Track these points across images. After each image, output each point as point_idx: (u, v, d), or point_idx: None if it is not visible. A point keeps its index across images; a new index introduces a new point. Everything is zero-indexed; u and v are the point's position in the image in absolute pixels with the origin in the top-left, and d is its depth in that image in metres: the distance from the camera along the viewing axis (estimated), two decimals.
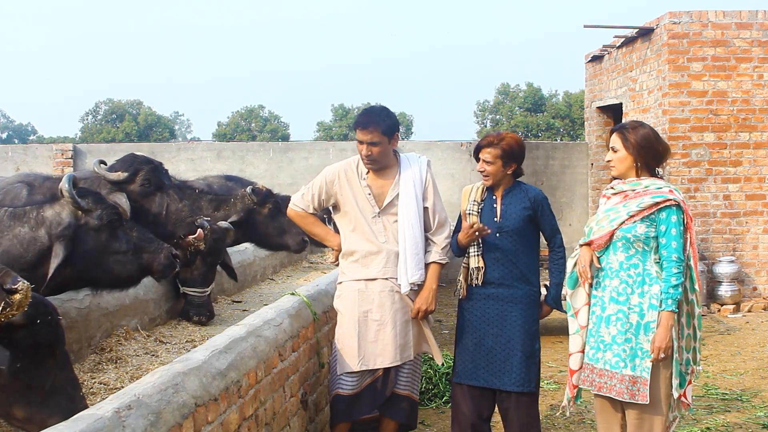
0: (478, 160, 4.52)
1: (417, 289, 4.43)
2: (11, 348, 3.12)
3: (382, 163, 4.44)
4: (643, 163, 4.00)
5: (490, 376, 4.43)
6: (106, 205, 4.45)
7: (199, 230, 5.11)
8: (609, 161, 4.11)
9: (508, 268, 4.44)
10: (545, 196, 4.57)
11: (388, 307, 4.40)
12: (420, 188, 4.47)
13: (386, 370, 4.41)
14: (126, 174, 5.13)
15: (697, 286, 3.99)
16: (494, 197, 4.53)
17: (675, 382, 3.92)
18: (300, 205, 4.59)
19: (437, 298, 4.57)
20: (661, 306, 3.86)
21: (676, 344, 3.90)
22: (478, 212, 4.51)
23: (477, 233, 4.36)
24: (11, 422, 3.30)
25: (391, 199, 4.45)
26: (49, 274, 4.13)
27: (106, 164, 5.23)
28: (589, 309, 4.13)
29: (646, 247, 3.93)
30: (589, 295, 4.13)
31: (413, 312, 4.42)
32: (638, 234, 3.93)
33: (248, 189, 7.03)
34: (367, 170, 4.47)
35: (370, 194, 4.45)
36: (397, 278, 4.40)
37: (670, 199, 3.89)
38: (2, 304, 2.88)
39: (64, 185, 4.29)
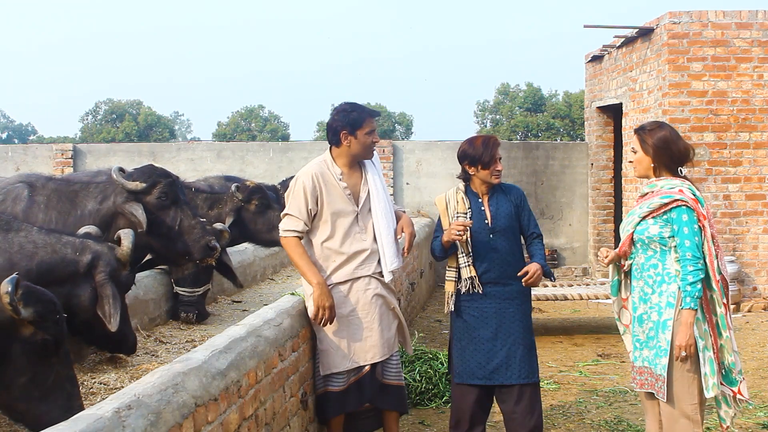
0: (489, 164, 4.51)
1: (395, 277, 4.63)
2: (20, 343, 3.18)
3: None
4: (660, 163, 4.08)
5: (492, 373, 4.51)
6: (134, 270, 4.64)
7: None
8: (631, 162, 4.25)
9: (503, 267, 4.55)
10: (523, 192, 4.77)
11: (373, 304, 4.47)
12: (381, 179, 4.63)
13: (374, 365, 4.48)
14: (144, 185, 5.17)
15: (714, 285, 4.00)
16: (480, 201, 4.61)
17: (711, 380, 3.90)
18: (295, 228, 4.41)
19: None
20: (680, 305, 3.90)
21: (701, 343, 3.91)
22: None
23: (461, 231, 4.42)
24: (10, 414, 3.36)
25: (365, 195, 4.52)
26: (113, 317, 4.22)
27: (125, 172, 5.25)
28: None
29: (664, 247, 4.00)
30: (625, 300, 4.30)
31: (406, 247, 4.52)
32: (652, 235, 4.01)
33: (233, 187, 7.05)
34: (341, 171, 4.50)
35: (350, 194, 4.49)
36: (377, 273, 4.49)
37: (678, 199, 3.94)
38: None
39: (128, 237, 4.43)
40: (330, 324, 4.38)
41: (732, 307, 9.93)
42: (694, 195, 3.99)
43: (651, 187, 4.09)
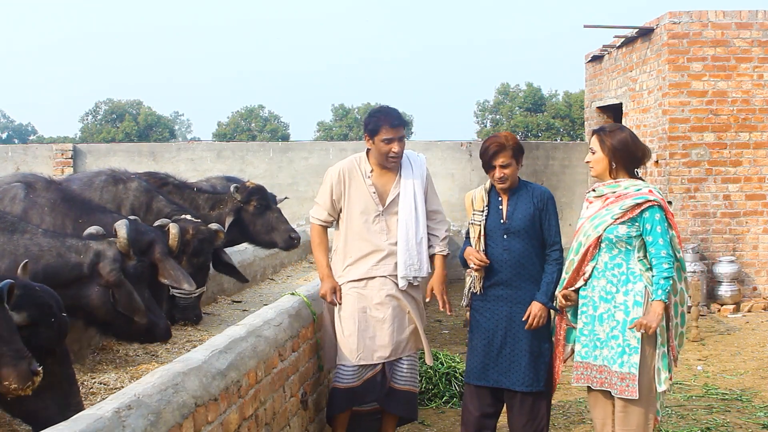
0: (489, 169, 4.45)
1: (417, 284, 4.56)
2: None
3: None
4: (619, 165, 4.16)
5: (499, 375, 4.46)
6: (141, 258, 4.67)
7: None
8: (588, 162, 4.29)
9: (516, 270, 4.44)
10: (551, 195, 4.55)
11: (386, 304, 4.48)
12: (421, 186, 4.59)
13: (384, 365, 4.50)
14: (180, 249, 5.45)
15: (683, 275, 4.12)
16: (500, 199, 4.52)
17: (663, 375, 4.00)
18: (317, 216, 4.62)
19: (437, 299, 4.62)
20: (651, 297, 3.97)
21: (660, 339, 3.99)
22: (482, 220, 4.49)
23: (477, 264, 4.40)
24: (9, 410, 3.37)
25: (393, 197, 4.53)
26: (114, 310, 4.31)
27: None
28: (578, 310, 4.27)
29: (628, 246, 4.08)
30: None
31: (428, 292, 4.61)
32: (620, 234, 4.08)
33: (232, 187, 7.04)
34: (371, 169, 4.54)
35: (375, 193, 4.52)
36: (396, 275, 4.49)
37: (651, 200, 4.04)
38: (28, 383, 3.02)
39: (122, 228, 4.49)
40: (339, 298, 4.52)
41: (732, 306, 10.00)
42: (660, 195, 4.10)
43: (612, 188, 4.14)
